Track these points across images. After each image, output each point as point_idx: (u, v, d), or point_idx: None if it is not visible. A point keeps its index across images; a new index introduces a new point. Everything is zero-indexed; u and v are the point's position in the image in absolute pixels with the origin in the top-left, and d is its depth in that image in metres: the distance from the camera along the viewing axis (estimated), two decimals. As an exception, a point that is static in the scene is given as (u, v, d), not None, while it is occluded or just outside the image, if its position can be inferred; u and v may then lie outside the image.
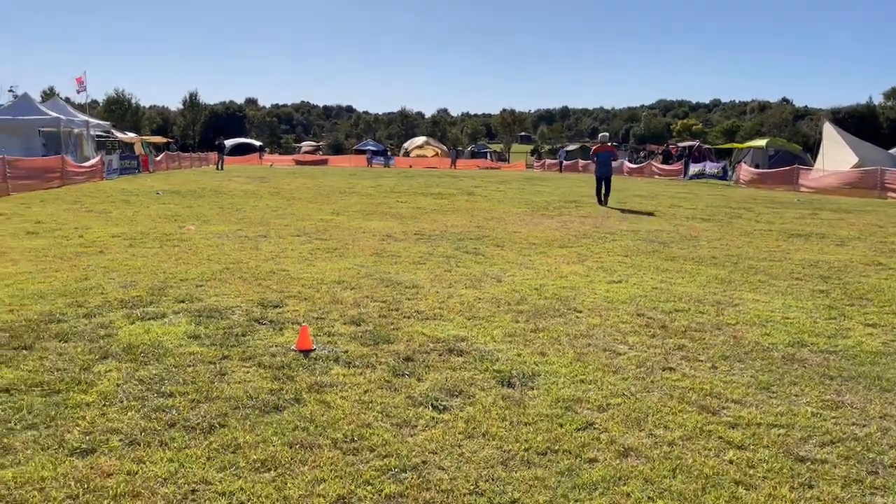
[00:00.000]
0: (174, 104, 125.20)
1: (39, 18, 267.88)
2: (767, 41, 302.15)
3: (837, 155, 28.32)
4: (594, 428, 3.54)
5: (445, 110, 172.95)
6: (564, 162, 50.06)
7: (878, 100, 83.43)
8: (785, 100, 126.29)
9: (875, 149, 29.69)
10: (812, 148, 40.55)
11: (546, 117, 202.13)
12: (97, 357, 4.43)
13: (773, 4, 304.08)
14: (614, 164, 21.50)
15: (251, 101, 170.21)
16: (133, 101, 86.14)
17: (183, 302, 5.92)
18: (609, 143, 20.68)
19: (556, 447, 3.31)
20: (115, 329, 5.05)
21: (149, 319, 5.34)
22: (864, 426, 3.66)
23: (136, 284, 6.58)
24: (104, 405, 3.66)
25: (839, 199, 21.35)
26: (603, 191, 17.61)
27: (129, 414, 3.56)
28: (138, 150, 36.87)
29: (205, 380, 4.06)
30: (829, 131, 30.52)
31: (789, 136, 70.03)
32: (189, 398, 3.78)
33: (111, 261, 7.86)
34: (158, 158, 36.89)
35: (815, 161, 31.23)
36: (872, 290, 7.14)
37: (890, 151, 29.89)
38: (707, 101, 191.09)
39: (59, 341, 4.74)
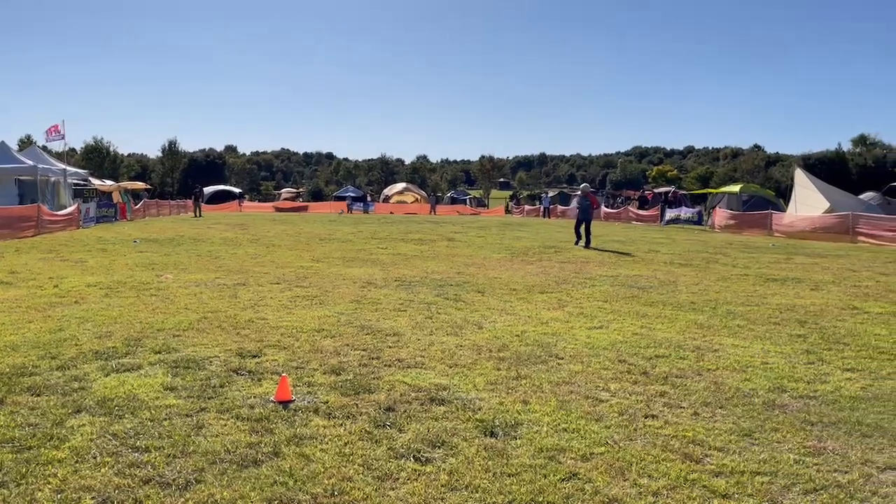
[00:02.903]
0: (153, 152, 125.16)
1: (19, 70, 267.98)
2: (739, 89, 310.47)
3: (809, 200, 28.93)
4: (578, 478, 3.50)
5: (425, 157, 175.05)
6: (549, 207, 50.61)
7: (846, 146, 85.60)
8: (757, 146, 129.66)
9: (845, 194, 30.36)
10: (784, 193, 41.36)
11: (524, 164, 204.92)
12: (70, 411, 4.32)
13: (744, 54, 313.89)
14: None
15: (231, 149, 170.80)
16: (112, 148, 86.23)
17: (159, 353, 5.82)
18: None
19: (541, 499, 3.27)
20: (89, 382, 4.95)
21: (124, 371, 5.24)
22: (846, 472, 3.65)
23: (112, 335, 6.47)
24: (77, 462, 3.56)
25: (813, 244, 21.70)
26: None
27: (103, 471, 3.46)
28: (116, 198, 36.74)
29: (181, 433, 3.97)
30: (801, 177, 31.23)
31: (762, 181, 71.51)
32: (164, 453, 3.69)
33: (86, 311, 7.74)
34: (137, 206, 36.71)
35: (787, 206, 31.87)
36: (849, 334, 7.22)
37: (860, 197, 30.57)
38: (681, 148, 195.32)
39: (31, 395, 4.63)
